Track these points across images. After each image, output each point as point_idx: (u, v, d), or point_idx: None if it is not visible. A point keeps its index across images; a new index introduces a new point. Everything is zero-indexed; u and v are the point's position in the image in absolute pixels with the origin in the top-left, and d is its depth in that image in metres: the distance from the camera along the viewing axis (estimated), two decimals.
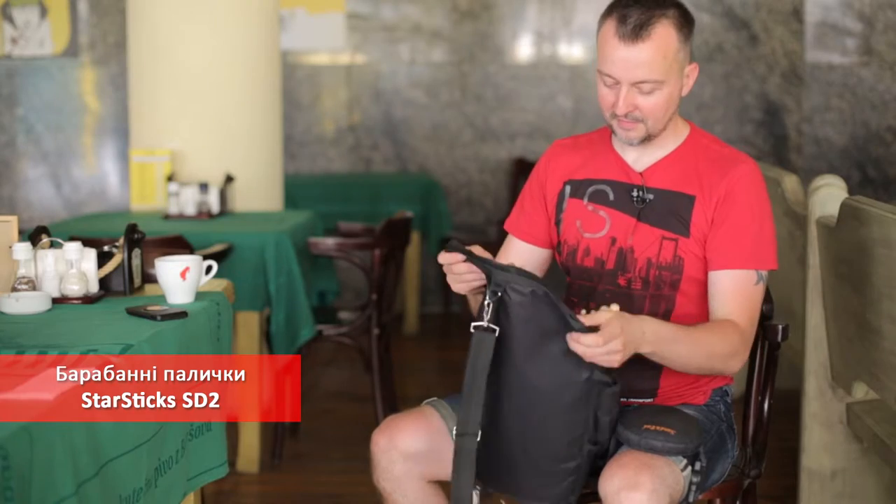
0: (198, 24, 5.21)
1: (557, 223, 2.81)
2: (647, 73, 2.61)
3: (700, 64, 7.58)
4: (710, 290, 2.67)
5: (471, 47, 7.66)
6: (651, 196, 2.71)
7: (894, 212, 3.15)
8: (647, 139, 2.69)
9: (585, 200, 2.77)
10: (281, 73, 5.53)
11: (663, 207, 2.70)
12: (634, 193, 2.73)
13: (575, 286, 2.80)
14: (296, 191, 6.55)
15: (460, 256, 2.48)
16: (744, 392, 2.93)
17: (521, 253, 2.86)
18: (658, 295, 2.69)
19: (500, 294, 2.42)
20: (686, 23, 2.66)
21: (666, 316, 2.69)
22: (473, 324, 2.45)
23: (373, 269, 4.72)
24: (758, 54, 7.59)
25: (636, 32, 2.60)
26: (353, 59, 7.73)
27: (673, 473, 2.47)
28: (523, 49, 7.67)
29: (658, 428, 2.46)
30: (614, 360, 2.39)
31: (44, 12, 7.52)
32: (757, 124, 7.63)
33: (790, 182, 4.28)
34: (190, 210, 4.97)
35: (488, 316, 2.42)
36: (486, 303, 2.43)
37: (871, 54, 7.49)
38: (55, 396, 1.97)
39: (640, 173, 2.74)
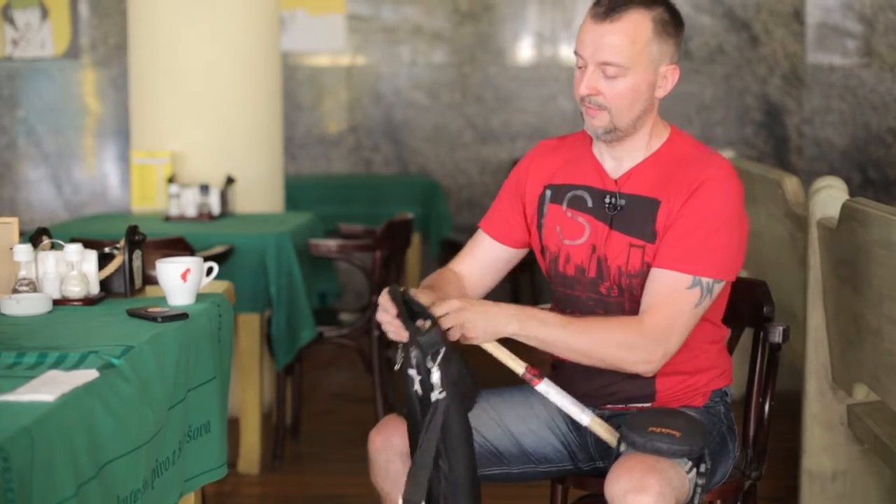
0: (198, 25, 5.22)
1: (539, 227, 2.79)
2: (612, 55, 2.59)
3: (701, 65, 7.66)
4: (646, 284, 2.63)
5: (471, 49, 7.66)
6: (623, 202, 2.68)
7: (895, 213, 3.15)
8: (613, 133, 2.65)
9: (564, 206, 2.75)
10: (281, 74, 5.53)
11: (633, 214, 2.67)
12: (608, 200, 2.70)
13: (558, 294, 2.79)
14: (296, 192, 6.54)
15: (393, 310, 2.47)
16: (744, 394, 2.93)
17: (488, 251, 2.84)
18: (634, 301, 2.67)
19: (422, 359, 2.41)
20: (669, 22, 2.63)
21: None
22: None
23: (373, 271, 4.72)
24: (758, 56, 7.59)
25: (608, 12, 2.60)
26: (354, 61, 7.73)
27: (678, 476, 2.46)
28: (524, 50, 7.68)
29: (663, 430, 2.46)
30: (463, 331, 2.44)
31: (45, 14, 7.52)
32: (758, 126, 7.63)
33: (791, 184, 4.28)
34: (191, 212, 4.97)
35: (434, 386, 2.39)
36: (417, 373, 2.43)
37: (871, 56, 7.49)
38: (56, 398, 1.97)
39: (616, 180, 2.70)
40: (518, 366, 2.54)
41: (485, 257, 2.85)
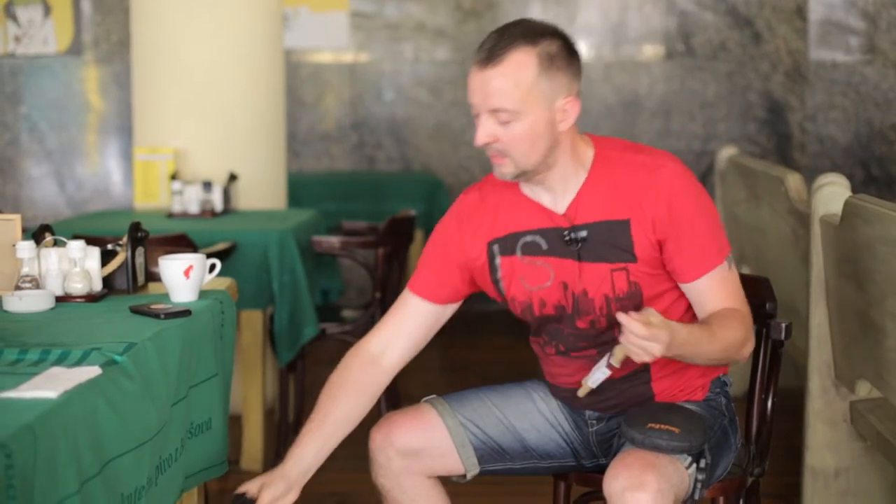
0: (201, 22, 5.22)
1: (496, 282, 2.71)
2: (499, 101, 2.49)
3: (704, 62, 7.65)
4: (693, 299, 2.62)
5: (474, 46, 7.61)
6: (584, 233, 2.60)
7: None
8: (525, 175, 2.57)
9: (519, 255, 2.67)
10: (284, 71, 5.54)
11: (600, 240, 2.60)
12: (566, 236, 2.62)
13: (542, 332, 2.75)
14: (299, 189, 6.55)
15: None
16: (747, 390, 2.93)
17: (420, 312, 2.75)
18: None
19: None
20: (557, 54, 2.54)
21: None
22: None
23: (376, 268, 4.72)
24: (761, 52, 7.58)
25: (489, 57, 2.50)
26: (357, 58, 7.73)
27: (678, 472, 2.46)
28: None
29: (662, 426, 2.46)
30: (645, 356, 2.38)
31: (47, 11, 7.52)
32: (760, 122, 7.62)
33: (793, 180, 4.27)
34: (193, 208, 4.97)
35: None
36: None
37: (874, 52, 7.49)
38: (59, 395, 1.97)
39: (564, 214, 2.62)
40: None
41: (415, 319, 2.76)
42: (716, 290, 2.61)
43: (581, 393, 2.54)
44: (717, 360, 2.61)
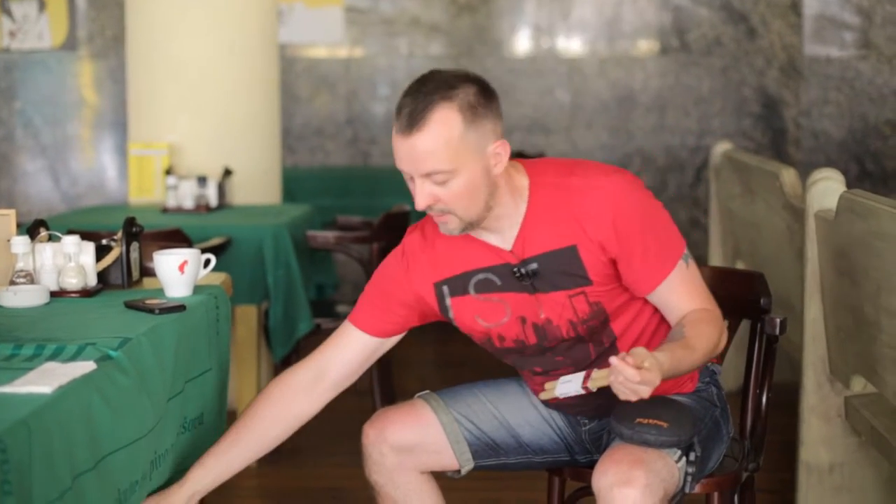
0: (196, 17, 5.21)
1: (451, 320, 2.68)
2: (432, 164, 2.43)
3: (698, 57, 7.65)
4: (659, 306, 2.60)
5: (469, 41, 7.66)
6: (534, 265, 2.56)
7: (892, 205, 3.15)
8: (472, 226, 2.53)
9: (473, 293, 2.63)
10: (279, 66, 5.53)
11: (552, 270, 2.56)
12: (516, 272, 2.58)
13: (508, 359, 2.74)
14: (294, 184, 6.54)
15: None
16: (741, 385, 2.93)
17: (356, 342, 2.70)
18: (596, 338, 2.63)
19: None
20: (476, 102, 2.46)
21: (612, 346, 2.63)
22: None
23: (371, 263, 4.72)
24: (756, 48, 7.59)
25: (410, 123, 2.43)
26: (352, 53, 7.73)
27: (667, 467, 2.46)
28: (521, 43, 7.67)
29: (651, 421, 2.44)
30: (633, 396, 2.35)
31: (42, 6, 7.51)
32: (755, 118, 7.63)
33: (788, 176, 4.27)
34: (188, 203, 4.97)
35: None
36: None
37: (869, 48, 7.49)
38: (53, 390, 1.97)
39: (511, 250, 2.58)
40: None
41: (352, 349, 2.71)
42: (678, 293, 2.57)
43: (543, 397, 2.51)
44: (700, 365, 2.58)
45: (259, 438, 2.69)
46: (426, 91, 2.46)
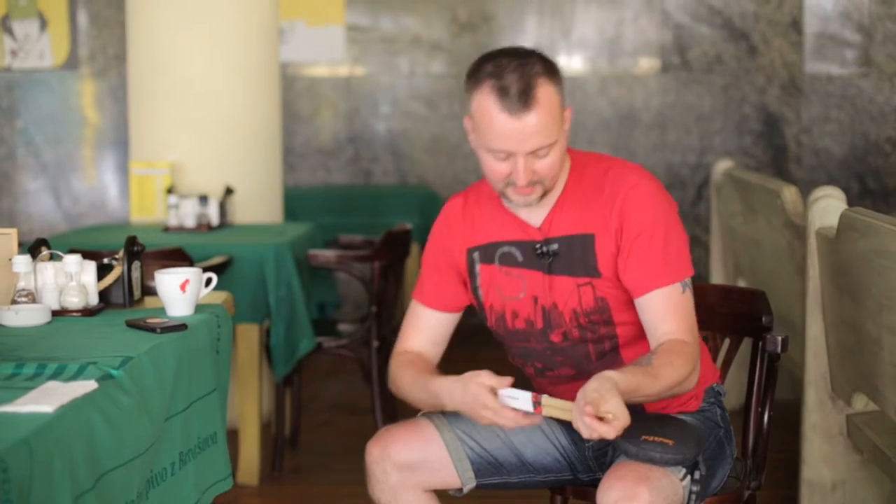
0: (197, 36, 5.22)
1: (475, 289, 2.75)
2: (543, 139, 2.50)
3: (699, 75, 7.67)
4: (642, 316, 2.61)
5: (470, 59, 7.57)
6: (556, 246, 2.63)
7: (894, 223, 3.15)
8: (545, 195, 2.60)
9: (497, 264, 2.70)
10: (280, 85, 5.54)
11: (569, 254, 2.62)
12: (538, 249, 2.65)
13: (514, 349, 2.77)
14: (295, 203, 6.55)
15: None
16: (743, 403, 2.93)
17: (433, 321, 2.78)
18: (597, 337, 2.66)
19: None
20: (554, 70, 2.54)
21: (614, 350, 2.66)
22: None
23: (372, 282, 4.72)
24: (757, 65, 7.60)
25: (523, 102, 2.47)
26: (353, 71, 7.74)
27: (672, 484, 2.46)
28: None
29: (656, 439, 2.45)
30: (594, 435, 2.36)
31: (44, 25, 7.53)
32: (756, 135, 7.63)
33: (789, 193, 4.28)
34: (189, 222, 4.97)
35: None
36: None
37: (870, 65, 7.50)
38: (55, 409, 1.97)
39: (539, 227, 2.65)
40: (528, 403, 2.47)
41: (432, 329, 2.79)
42: (666, 312, 2.57)
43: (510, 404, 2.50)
44: (665, 396, 2.57)
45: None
46: (523, 67, 2.50)
